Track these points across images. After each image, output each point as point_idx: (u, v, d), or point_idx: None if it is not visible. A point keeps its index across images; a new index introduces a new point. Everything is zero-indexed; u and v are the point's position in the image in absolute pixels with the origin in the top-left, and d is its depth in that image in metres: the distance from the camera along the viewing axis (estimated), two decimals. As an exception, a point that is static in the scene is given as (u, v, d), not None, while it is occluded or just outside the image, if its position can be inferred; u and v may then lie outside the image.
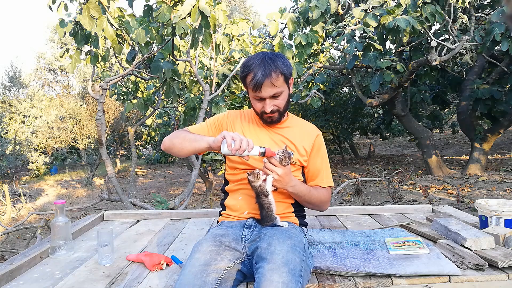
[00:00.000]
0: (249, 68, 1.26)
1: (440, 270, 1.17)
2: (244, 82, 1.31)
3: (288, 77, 1.29)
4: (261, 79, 1.22)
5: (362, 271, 1.19)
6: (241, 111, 1.47)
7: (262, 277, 0.99)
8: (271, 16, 3.85)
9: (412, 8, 4.05)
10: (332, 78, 7.20)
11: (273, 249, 1.08)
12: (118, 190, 3.10)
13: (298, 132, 1.38)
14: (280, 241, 1.12)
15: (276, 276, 0.98)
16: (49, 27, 19.37)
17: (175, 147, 1.31)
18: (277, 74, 1.24)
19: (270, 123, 1.34)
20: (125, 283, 1.18)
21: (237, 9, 21.24)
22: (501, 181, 5.40)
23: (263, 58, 1.25)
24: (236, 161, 1.35)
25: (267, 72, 1.22)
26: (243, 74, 1.29)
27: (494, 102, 5.66)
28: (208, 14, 2.44)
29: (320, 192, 1.36)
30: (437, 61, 4.69)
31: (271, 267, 1.01)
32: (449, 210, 1.92)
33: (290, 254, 1.07)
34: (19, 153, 9.86)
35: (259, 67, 1.23)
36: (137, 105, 3.69)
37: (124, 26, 2.74)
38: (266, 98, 1.27)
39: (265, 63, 1.24)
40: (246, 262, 1.16)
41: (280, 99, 1.29)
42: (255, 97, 1.29)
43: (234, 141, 1.14)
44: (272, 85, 1.24)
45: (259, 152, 1.18)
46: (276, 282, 0.97)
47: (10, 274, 1.24)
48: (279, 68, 1.25)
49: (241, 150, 1.14)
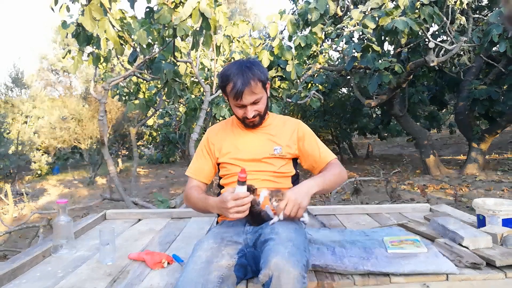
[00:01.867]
0: (228, 78, 1.30)
1: (438, 268, 1.18)
2: (224, 91, 1.35)
3: (265, 83, 1.34)
4: (241, 87, 1.26)
5: (360, 269, 1.20)
6: (222, 122, 1.53)
7: (268, 250, 1.03)
8: (271, 18, 3.87)
9: (410, 9, 4.07)
10: (331, 79, 7.21)
11: (277, 231, 1.12)
12: (120, 190, 3.11)
13: (280, 127, 1.43)
14: (283, 225, 1.17)
15: (281, 248, 1.02)
16: (52, 29, 19.34)
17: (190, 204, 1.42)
18: (255, 82, 1.28)
19: (252, 127, 1.39)
20: (127, 282, 1.20)
21: (238, 11, 21.25)
22: (498, 181, 5.42)
23: (241, 67, 1.29)
24: (229, 172, 1.39)
25: (245, 81, 1.26)
26: (223, 84, 1.33)
27: (491, 103, 5.68)
28: (209, 16, 2.45)
29: (332, 169, 1.36)
30: (435, 62, 4.71)
31: (276, 242, 1.05)
32: (447, 210, 1.94)
33: (293, 234, 1.12)
34: (22, 153, 9.84)
35: (238, 76, 1.27)
36: (138, 106, 3.70)
37: (126, 27, 2.76)
38: (247, 105, 1.31)
39: (243, 72, 1.28)
40: (248, 254, 1.18)
41: (260, 104, 1.33)
42: (236, 105, 1.33)
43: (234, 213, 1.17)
44: (251, 93, 1.29)
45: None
46: (282, 252, 1.00)
47: (12, 273, 1.25)
48: (256, 76, 1.29)
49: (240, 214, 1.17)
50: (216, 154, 1.43)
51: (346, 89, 9.09)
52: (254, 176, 1.33)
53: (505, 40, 4.37)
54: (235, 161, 1.38)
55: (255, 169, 1.34)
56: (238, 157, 1.38)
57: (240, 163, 1.36)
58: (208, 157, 1.45)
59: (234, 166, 1.37)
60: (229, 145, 1.42)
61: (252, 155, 1.37)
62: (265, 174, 1.35)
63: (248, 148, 1.39)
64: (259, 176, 1.34)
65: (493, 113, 5.95)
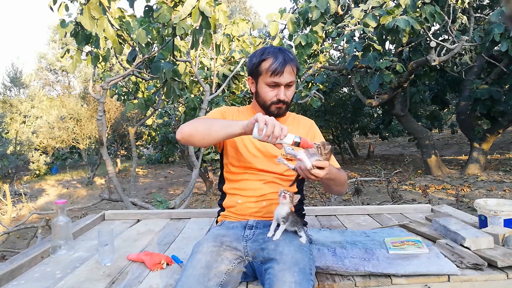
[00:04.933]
0: (268, 54, 1.26)
1: (439, 269, 1.17)
2: (258, 68, 1.27)
3: (297, 73, 1.32)
4: (283, 63, 1.23)
5: (361, 270, 1.19)
6: (237, 108, 1.44)
7: (274, 277, 0.99)
8: (271, 16, 3.86)
9: (412, 8, 4.05)
10: (332, 78, 7.21)
11: (281, 250, 1.08)
12: (119, 190, 3.11)
13: (295, 125, 1.40)
14: (286, 241, 1.12)
15: (288, 276, 0.98)
16: (50, 28, 19.37)
17: (198, 134, 1.15)
18: (294, 64, 1.27)
19: (276, 115, 1.28)
20: (126, 283, 1.19)
21: (237, 10, 21.25)
22: (500, 181, 5.41)
23: (280, 48, 1.28)
24: (235, 162, 1.33)
25: (287, 59, 1.24)
26: (261, 59, 1.26)
27: (493, 102, 5.67)
28: (209, 14, 2.44)
29: (339, 173, 1.27)
30: (437, 61, 4.70)
31: (281, 268, 1.01)
32: (448, 210, 1.92)
33: (298, 253, 1.07)
34: (20, 153, 9.87)
35: (279, 54, 1.25)
36: (137, 105, 3.69)
37: (125, 26, 2.75)
38: (282, 85, 1.26)
39: (284, 52, 1.26)
40: (248, 264, 1.15)
41: (291, 91, 1.30)
42: (271, 83, 1.26)
43: (266, 126, 1.01)
44: (291, 72, 1.26)
45: (293, 141, 1.03)
46: (289, 282, 0.96)
47: (11, 274, 1.24)
48: (294, 58, 1.28)
49: (274, 137, 1.01)
50: None
51: (347, 89, 9.08)
52: (261, 176, 1.30)
53: (506, 40, 4.36)
54: (252, 151, 1.31)
55: (265, 168, 1.31)
56: (254, 146, 1.31)
57: (256, 153, 1.30)
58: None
59: (248, 156, 1.31)
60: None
61: (267, 149, 1.31)
62: (271, 176, 1.32)
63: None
64: (265, 177, 1.31)
65: (495, 113, 5.94)
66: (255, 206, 1.30)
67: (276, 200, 1.28)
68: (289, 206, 1.15)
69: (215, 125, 1.14)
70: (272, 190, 1.30)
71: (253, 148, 1.33)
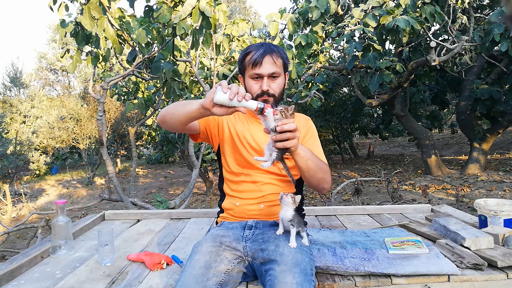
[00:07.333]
0: (250, 48, 1.30)
1: (439, 269, 1.18)
2: (243, 63, 1.31)
3: (286, 66, 1.32)
4: (262, 54, 1.25)
5: (361, 270, 1.19)
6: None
7: (275, 279, 0.99)
8: (271, 16, 3.86)
9: (412, 8, 4.06)
10: (332, 78, 7.21)
11: (281, 251, 1.08)
12: (119, 190, 3.11)
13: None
14: (286, 242, 1.13)
15: (289, 277, 0.98)
16: (50, 28, 19.36)
17: (168, 114, 1.19)
18: (278, 55, 1.28)
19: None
20: (126, 283, 1.19)
21: (237, 10, 21.25)
22: (500, 181, 5.41)
23: (264, 43, 1.31)
24: (232, 162, 1.33)
25: (267, 50, 1.26)
26: (243, 55, 1.30)
27: (493, 102, 5.67)
28: (209, 14, 2.44)
29: (320, 160, 1.24)
30: (437, 61, 4.70)
31: (282, 269, 1.01)
32: (448, 210, 1.92)
33: (299, 254, 1.07)
34: (20, 153, 9.88)
35: (260, 47, 1.28)
36: (137, 105, 3.70)
37: (125, 26, 2.75)
38: (265, 76, 1.27)
39: (265, 45, 1.29)
40: (248, 264, 1.15)
41: (277, 83, 1.29)
42: (253, 75, 1.28)
43: (230, 89, 1.03)
44: (272, 63, 1.26)
45: (257, 106, 1.05)
46: (291, 284, 0.96)
47: (11, 274, 1.24)
48: (280, 51, 1.30)
49: (240, 95, 1.03)
50: (225, 128, 1.35)
51: (347, 89, 9.09)
52: (258, 178, 1.30)
53: (506, 40, 4.36)
54: (250, 151, 1.31)
55: (263, 168, 1.30)
56: (253, 145, 1.31)
57: (254, 154, 1.29)
58: (214, 122, 1.35)
59: (247, 155, 1.31)
60: (244, 130, 1.34)
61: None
62: (269, 177, 1.32)
63: (262, 139, 1.31)
64: (263, 179, 1.31)
65: (495, 113, 5.94)
66: (254, 209, 1.31)
67: (275, 201, 1.29)
68: (292, 208, 1.16)
69: (180, 105, 1.16)
70: (271, 191, 1.30)
71: (251, 149, 1.33)
